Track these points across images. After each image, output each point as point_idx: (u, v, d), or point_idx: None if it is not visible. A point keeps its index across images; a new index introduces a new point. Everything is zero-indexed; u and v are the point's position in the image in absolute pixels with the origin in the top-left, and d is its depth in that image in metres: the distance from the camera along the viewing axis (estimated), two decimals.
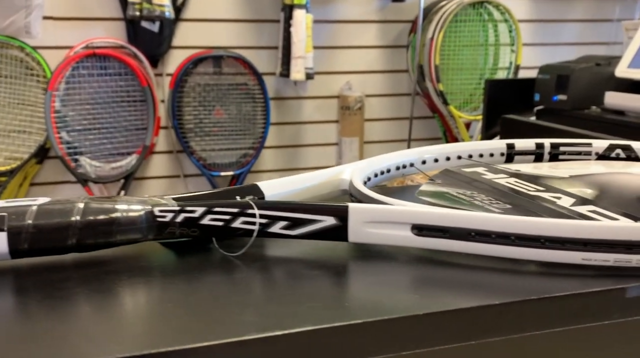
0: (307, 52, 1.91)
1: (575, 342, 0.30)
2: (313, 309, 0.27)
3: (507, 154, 0.58)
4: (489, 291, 0.30)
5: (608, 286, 0.30)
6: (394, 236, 0.34)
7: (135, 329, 0.26)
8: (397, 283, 0.31)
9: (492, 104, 1.97)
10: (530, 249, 0.32)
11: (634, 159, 0.57)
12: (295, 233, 0.34)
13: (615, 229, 0.31)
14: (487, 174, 0.49)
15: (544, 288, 0.30)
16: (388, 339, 0.26)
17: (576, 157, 0.59)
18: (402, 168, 0.52)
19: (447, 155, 0.56)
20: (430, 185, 0.45)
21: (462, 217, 0.33)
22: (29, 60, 1.80)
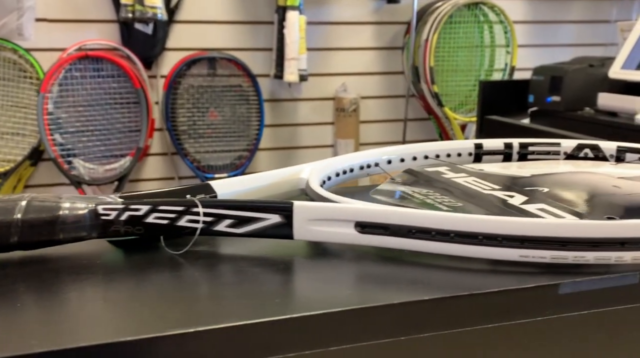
0: (301, 53, 1.91)
1: (508, 338, 0.30)
2: (242, 305, 0.28)
3: (475, 153, 0.58)
4: (424, 287, 0.30)
5: (541, 283, 0.30)
6: (338, 233, 0.34)
7: (68, 324, 0.26)
8: (335, 279, 0.31)
9: (487, 105, 1.97)
10: (468, 246, 0.32)
11: (602, 159, 0.57)
12: (241, 231, 0.35)
13: (550, 226, 0.31)
14: (448, 174, 0.49)
15: (477, 285, 0.30)
16: (312, 335, 0.26)
17: (545, 157, 0.59)
18: (367, 167, 0.52)
19: (414, 155, 0.56)
20: (388, 184, 0.46)
21: (402, 215, 0.33)
22: (22, 63, 1.81)
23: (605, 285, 0.31)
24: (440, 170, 0.50)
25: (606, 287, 0.31)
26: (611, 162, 0.57)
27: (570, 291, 0.30)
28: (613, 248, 0.31)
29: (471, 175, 0.48)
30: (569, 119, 1.75)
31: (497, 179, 0.48)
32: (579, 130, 1.67)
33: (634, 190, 0.44)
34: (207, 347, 0.25)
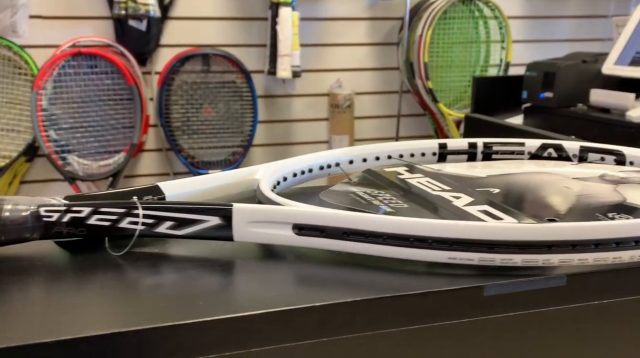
0: (294, 49, 1.91)
1: (433, 339, 0.31)
2: (169, 307, 0.28)
3: (439, 153, 0.59)
4: (352, 288, 0.31)
5: (466, 285, 0.30)
6: (276, 235, 0.35)
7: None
8: (269, 281, 0.32)
9: (481, 101, 1.97)
10: (400, 248, 0.33)
11: (565, 158, 0.58)
12: (182, 233, 0.35)
13: (477, 229, 0.32)
14: (404, 174, 0.50)
15: (405, 286, 0.30)
16: (234, 336, 0.27)
17: (509, 157, 0.59)
18: (327, 168, 0.53)
19: (377, 155, 0.56)
20: (341, 185, 0.46)
21: (337, 217, 0.34)
22: (17, 59, 1.83)
23: (531, 288, 0.31)
24: (398, 171, 0.51)
25: (533, 289, 0.31)
26: (574, 161, 0.57)
27: (495, 293, 0.31)
28: (540, 251, 0.32)
29: (427, 176, 0.49)
30: (562, 115, 1.75)
31: (451, 179, 0.48)
32: (571, 127, 1.67)
33: (583, 192, 0.44)
34: (129, 347, 0.26)
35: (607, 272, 0.32)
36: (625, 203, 0.41)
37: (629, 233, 0.32)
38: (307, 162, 0.51)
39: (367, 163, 0.56)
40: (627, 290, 0.33)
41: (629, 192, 0.44)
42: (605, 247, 0.32)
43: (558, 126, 1.73)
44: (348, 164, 0.54)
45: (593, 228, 0.32)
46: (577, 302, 0.32)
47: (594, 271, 0.32)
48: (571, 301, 0.32)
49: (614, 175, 0.49)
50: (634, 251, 0.32)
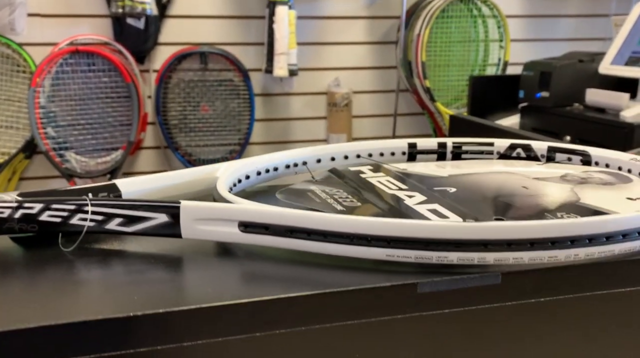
0: (291, 48, 1.92)
1: (368, 335, 0.31)
2: (106, 301, 0.29)
3: (408, 153, 0.59)
4: (290, 284, 0.31)
5: (400, 281, 0.31)
6: (223, 233, 0.35)
7: None
8: (207, 277, 0.33)
9: (477, 101, 1.97)
10: (341, 246, 0.33)
11: (533, 158, 0.58)
12: (132, 230, 0.36)
13: (413, 227, 0.32)
14: (367, 173, 0.50)
15: (342, 283, 0.31)
16: (167, 330, 0.28)
17: (479, 156, 0.59)
18: (294, 166, 0.53)
19: (346, 154, 0.57)
20: (300, 184, 0.47)
21: (281, 215, 0.34)
22: (15, 57, 1.84)
23: (466, 285, 0.32)
24: (362, 170, 0.52)
25: (467, 287, 0.32)
26: (541, 161, 0.57)
27: (429, 290, 0.31)
28: (475, 249, 0.32)
29: (388, 175, 0.49)
30: (557, 114, 1.74)
31: (412, 179, 0.49)
32: (566, 126, 1.67)
33: (539, 191, 0.45)
34: (57, 341, 0.27)
35: (543, 271, 0.33)
36: (578, 204, 0.42)
37: (564, 233, 0.33)
38: (273, 161, 0.51)
39: (335, 162, 0.56)
40: (563, 289, 0.33)
41: (585, 192, 0.45)
42: (540, 246, 0.33)
43: (554, 126, 1.73)
44: (315, 162, 0.55)
45: (528, 227, 0.33)
46: (513, 300, 0.32)
47: (529, 270, 0.32)
48: (506, 299, 0.32)
49: (576, 175, 0.50)
50: (570, 250, 0.33)
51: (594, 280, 0.34)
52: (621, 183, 0.48)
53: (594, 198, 0.43)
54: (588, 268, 0.33)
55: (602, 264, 0.34)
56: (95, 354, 0.27)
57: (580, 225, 0.33)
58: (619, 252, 0.34)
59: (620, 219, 0.34)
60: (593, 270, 0.33)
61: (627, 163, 0.51)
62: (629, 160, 0.51)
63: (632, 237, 0.34)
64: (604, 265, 0.34)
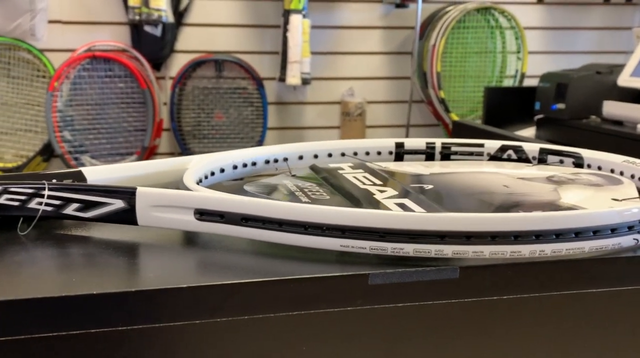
0: (304, 57, 1.92)
1: (315, 327, 0.30)
2: (28, 281, 0.29)
3: (395, 152, 0.58)
4: (238, 272, 0.30)
5: (351, 272, 0.30)
6: (179, 220, 0.35)
7: None
8: (156, 264, 0.32)
9: (492, 112, 1.94)
10: (294, 235, 0.32)
11: (525, 160, 0.56)
12: (89, 215, 0.36)
13: (368, 216, 0.31)
14: (346, 169, 0.49)
15: (293, 272, 0.30)
16: (94, 314, 0.27)
17: (468, 158, 0.58)
18: (274, 162, 0.53)
19: (330, 152, 0.56)
20: (277, 177, 0.46)
21: (235, 203, 0.33)
22: (36, 62, 1.88)
23: (421, 278, 0.30)
24: (342, 166, 0.50)
25: (423, 280, 0.30)
26: (533, 163, 0.56)
27: (381, 282, 0.30)
28: (432, 241, 0.31)
29: (367, 172, 0.48)
30: (573, 127, 1.71)
31: (390, 176, 0.47)
32: (582, 139, 1.63)
33: (519, 190, 0.43)
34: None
35: (505, 267, 0.31)
36: (556, 203, 0.40)
37: (528, 227, 0.31)
38: (251, 156, 0.51)
39: (318, 159, 0.55)
40: (527, 287, 0.31)
41: (568, 192, 0.43)
42: (502, 240, 0.31)
43: (570, 138, 1.69)
44: (298, 159, 0.54)
45: (489, 219, 0.31)
46: (472, 297, 0.31)
47: (490, 265, 0.31)
48: (465, 295, 0.31)
49: (563, 177, 0.48)
50: (535, 246, 0.31)
51: (562, 279, 0.32)
52: (610, 185, 0.46)
53: (576, 199, 0.41)
54: (555, 266, 0.32)
55: (571, 262, 0.32)
56: (27, 334, 0.26)
57: (545, 219, 0.31)
58: (590, 249, 0.32)
59: (590, 214, 0.32)
60: (560, 268, 0.32)
61: (619, 165, 0.49)
62: (622, 163, 0.49)
63: (604, 234, 0.32)
64: (573, 263, 0.32)
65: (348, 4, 2.18)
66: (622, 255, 0.33)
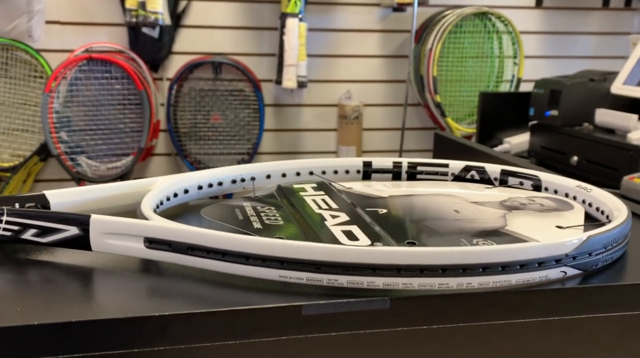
0: (300, 60, 1.94)
1: (253, 355, 0.32)
2: None
3: (363, 171, 0.59)
4: (186, 301, 0.32)
5: (285, 303, 0.31)
6: (129, 248, 0.36)
7: None
8: (101, 291, 0.34)
9: (486, 117, 1.95)
10: (237, 265, 0.34)
11: (487, 181, 0.57)
12: (46, 240, 0.37)
13: (306, 249, 0.33)
14: (309, 191, 0.51)
15: (231, 302, 0.31)
16: (39, 343, 0.29)
17: (434, 177, 0.59)
18: (241, 181, 0.54)
19: (298, 171, 0.57)
20: (236, 200, 0.48)
21: (181, 233, 0.35)
22: (33, 63, 1.91)
23: (353, 309, 0.32)
24: (305, 187, 0.52)
25: (355, 311, 0.32)
26: (495, 184, 0.57)
27: (315, 313, 0.31)
28: (364, 273, 0.32)
29: (327, 194, 0.50)
30: (565, 134, 1.72)
31: (350, 198, 0.49)
32: (574, 146, 1.64)
33: (468, 216, 0.44)
34: None
35: (434, 298, 0.33)
36: (502, 230, 0.41)
37: (455, 261, 0.33)
38: (218, 175, 0.52)
39: (286, 178, 0.57)
40: (456, 317, 0.33)
41: (516, 219, 0.44)
42: (431, 273, 0.32)
43: (562, 145, 1.70)
44: (265, 178, 0.56)
45: (417, 254, 0.33)
46: (403, 326, 0.32)
47: (419, 296, 0.32)
48: (396, 324, 0.32)
49: (516, 201, 0.49)
50: (462, 278, 0.33)
51: (489, 310, 0.33)
52: (561, 210, 0.47)
53: (521, 226, 0.42)
54: (482, 297, 0.33)
55: (498, 294, 0.33)
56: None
57: (472, 254, 0.33)
58: (517, 282, 0.34)
59: (516, 249, 0.33)
60: (487, 299, 0.33)
61: (573, 190, 0.51)
62: (575, 187, 0.50)
63: (530, 267, 0.34)
64: (500, 295, 0.33)
65: (346, 7, 2.19)
66: (549, 287, 0.34)
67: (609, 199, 0.46)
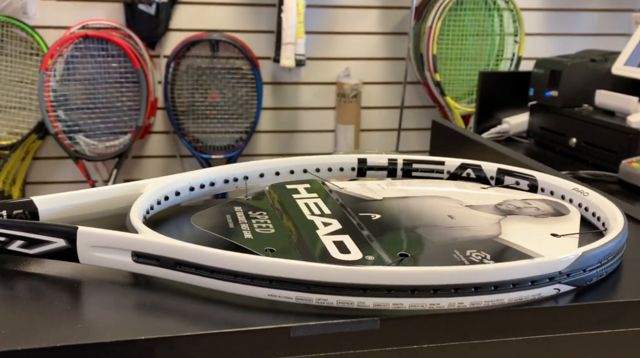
0: (298, 38, 1.91)
1: None
2: None
3: (358, 168, 0.59)
4: (164, 320, 0.32)
5: (273, 325, 0.31)
6: (117, 261, 0.36)
7: None
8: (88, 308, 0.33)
9: (486, 97, 1.93)
10: (225, 283, 0.34)
11: (483, 179, 0.57)
12: (33, 252, 0.37)
13: (294, 268, 0.32)
14: (302, 193, 0.50)
15: (225, 322, 0.31)
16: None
17: (429, 175, 0.59)
18: (234, 181, 0.53)
19: (292, 169, 0.57)
20: (226, 205, 0.47)
21: (170, 248, 0.35)
22: (29, 40, 1.88)
23: (343, 330, 0.31)
24: (298, 188, 0.51)
25: (344, 332, 0.32)
26: (491, 183, 0.56)
27: (304, 334, 0.31)
28: (354, 293, 0.32)
29: (320, 197, 0.49)
30: (564, 115, 1.70)
31: (343, 200, 0.48)
32: (573, 128, 1.62)
33: (462, 223, 0.44)
34: None
35: (425, 317, 0.32)
36: (495, 239, 0.41)
37: (447, 281, 0.32)
38: (210, 176, 0.51)
39: (280, 177, 0.56)
40: (447, 337, 0.33)
41: (510, 226, 0.44)
42: (422, 294, 0.32)
43: (561, 127, 1.68)
44: (259, 177, 0.55)
45: (409, 274, 0.32)
46: (393, 346, 0.32)
47: (410, 316, 0.32)
48: (386, 344, 0.32)
49: (512, 204, 0.49)
50: (454, 298, 0.32)
51: (481, 329, 0.33)
52: (556, 215, 0.47)
53: (516, 234, 0.42)
54: (474, 316, 0.33)
55: (490, 312, 0.33)
56: None
57: (464, 274, 0.32)
58: (510, 301, 0.33)
59: (509, 268, 0.33)
60: (479, 318, 0.33)
61: (569, 192, 0.50)
62: (571, 190, 0.50)
63: (523, 286, 0.33)
64: (492, 313, 0.33)
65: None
66: (542, 306, 0.34)
67: (605, 205, 0.45)
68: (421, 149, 2.33)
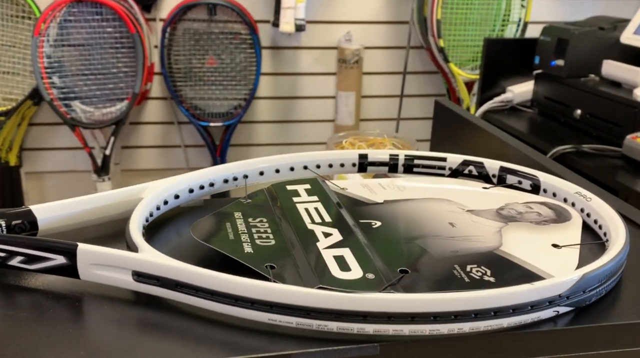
0: (298, 2, 1.86)
1: None
2: None
3: (359, 164, 0.58)
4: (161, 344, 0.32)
5: (274, 352, 0.31)
6: (117, 279, 0.36)
7: None
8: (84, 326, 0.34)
9: (491, 64, 1.90)
10: (225, 306, 0.34)
11: (485, 177, 0.56)
12: (34, 267, 0.37)
13: (295, 294, 0.32)
14: (302, 196, 0.50)
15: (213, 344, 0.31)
16: None
17: (430, 171, 0.58)
18: (233, 180, 0.53)
19: (292, 166, 0.56)
20: (227, 207, 0.46)
21: (170, 269, 0.34)
22: (20, 2, 1.83)
23: (343, 356, 0.32)
24: (299, 191, 0.51)
25: (345, 357, 0.32)
26: (494, 181, 0.56)
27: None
28: (354, 320, 0.32)
29: (321, 201, 0.48)
30: (570, 85, 1.67)
31: (343, 205, 0.48)
32: (578, 99, 1.60)
33: (463, 233, 0.44)
34: None
35: (424, 343, 0.32)
36: (496, 251, 0.41)
37: (447, 308, 0.32)
38: (209, 176, 0.51)
39: (280, 174, 0.55)
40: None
41: (510, 234, 0.43)
42: (422, 320, 0.32)
43: (566, 97, 1.66)
44: (259, 175, 0.54)
45: (409, 301, 0.32)
46: None
47: (410, 341, 0.32)
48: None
49: (513, 209, 0.48)
50: (454, 324, 0.32)
51: (480, 353, 0.33)
52: (558, 221, 0.46)
53: (517, 245, 0.42)
54: (473, 340, 0.33)
55: (489, 336, 0.33)
56: None
57: (464, 301, 0.32)
58: (509, 325, 0.33)
59: (509, 294, 0.33)
60: (478, 342, 0.33)
61: (571, 196, 0.50)
62: (574, 193, 0.49)
63: (523, 311, 0.33)
64: (491, 338, 0.33)
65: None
66: (541, 329, 0.34)
67: (608, 214, 0.45)
68: (424, 116, 2.31)
